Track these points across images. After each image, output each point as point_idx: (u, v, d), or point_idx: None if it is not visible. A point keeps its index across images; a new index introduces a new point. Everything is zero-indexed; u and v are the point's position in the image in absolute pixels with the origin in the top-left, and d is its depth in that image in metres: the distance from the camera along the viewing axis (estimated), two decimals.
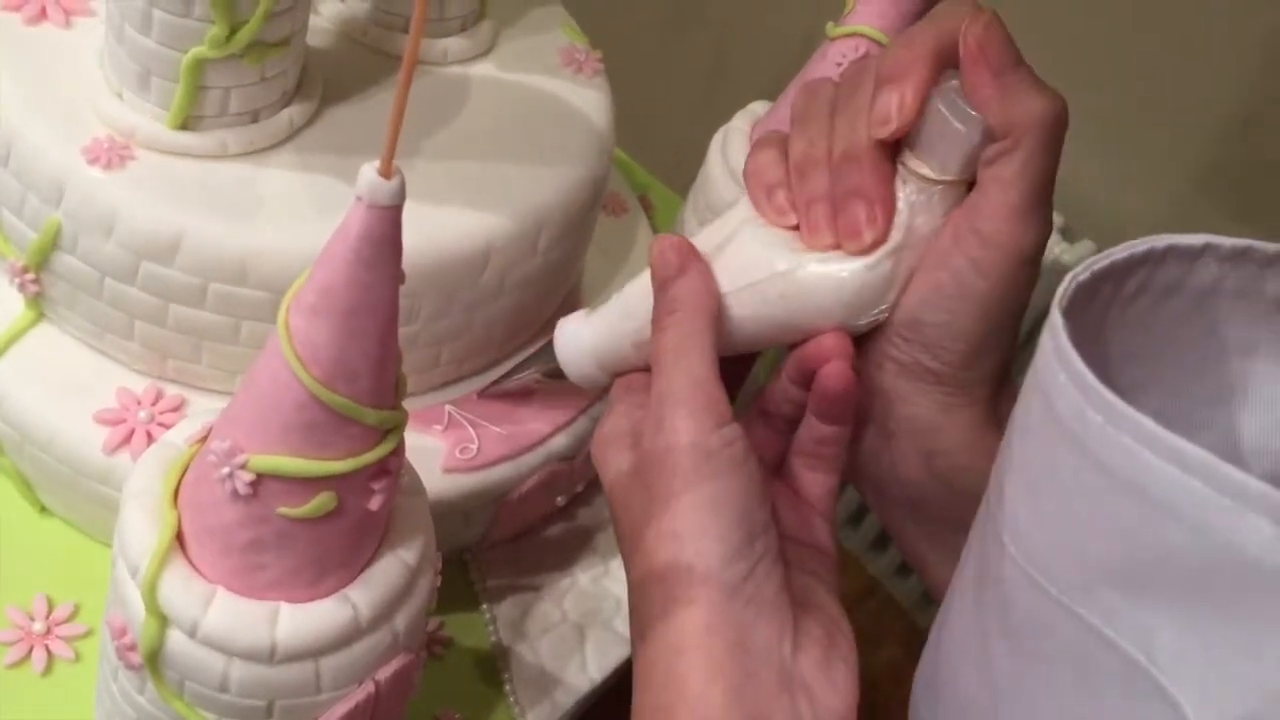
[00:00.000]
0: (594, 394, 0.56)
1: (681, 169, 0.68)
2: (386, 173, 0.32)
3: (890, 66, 0.38)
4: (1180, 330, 0.30)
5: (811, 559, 0.40)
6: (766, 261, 0.39)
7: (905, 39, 0.38)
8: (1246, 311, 0.30)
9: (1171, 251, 0.29)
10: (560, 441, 0.55)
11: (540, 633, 0.56)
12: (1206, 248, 0.29)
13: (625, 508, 0.39)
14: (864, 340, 0.40)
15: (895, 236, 0.38)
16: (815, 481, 0.41)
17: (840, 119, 0.39)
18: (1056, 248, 0.80)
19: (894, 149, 0.39)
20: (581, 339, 0.44)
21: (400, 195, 0.32)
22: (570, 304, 0.60)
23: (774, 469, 0.42)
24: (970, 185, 0.38)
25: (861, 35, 0.55)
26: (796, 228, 0.40)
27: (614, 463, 0.40)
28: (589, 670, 0.55)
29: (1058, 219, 0.61)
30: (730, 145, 0.61)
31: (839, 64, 0.56)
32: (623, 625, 0.57)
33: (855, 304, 0.39)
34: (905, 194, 0.38)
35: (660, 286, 0.40)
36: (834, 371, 0.39)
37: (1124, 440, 0.25)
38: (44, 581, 0.50)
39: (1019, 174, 0.36)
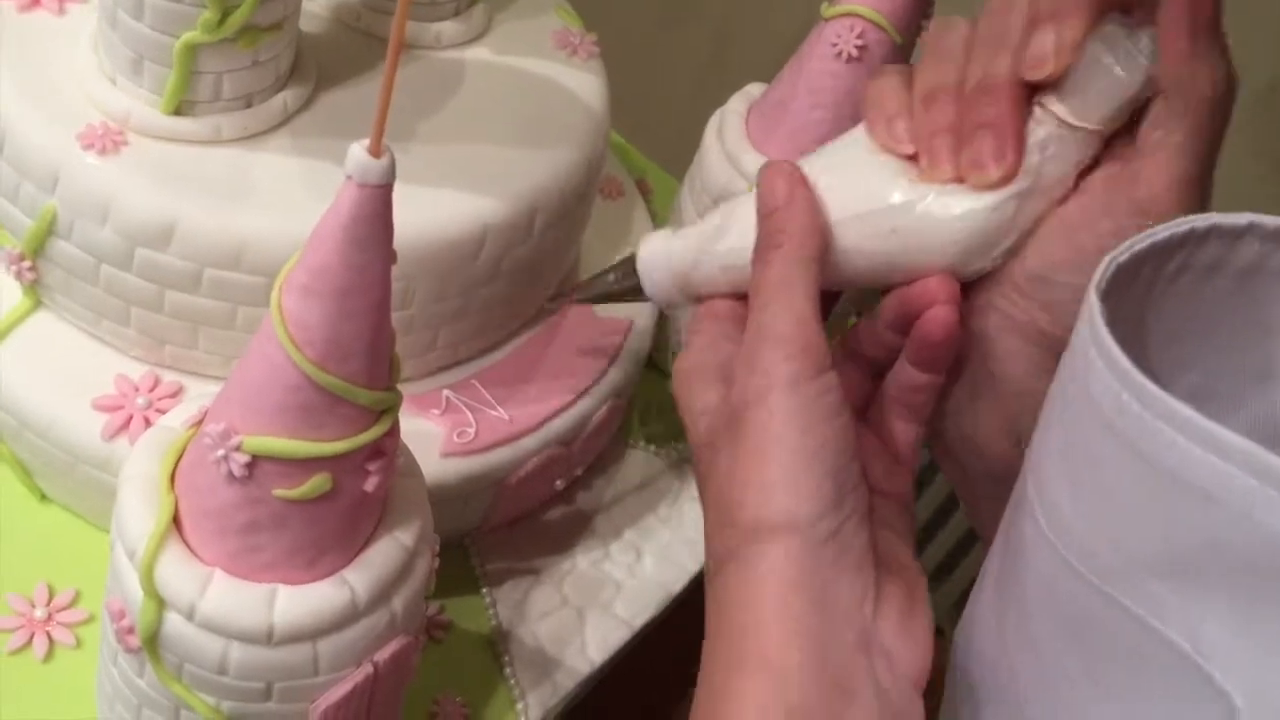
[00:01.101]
0: (591, 377, 0.57)
1: (680, 153, 0.68)
2: (376, 151, 0.32)
3: (1049, 3, 0.35)
4: (1221, 309, 0.30)
5: (892, 511, 0.38)
6: (880, 192, 0.37)
7: None
8: None
9: (1214, 231, 0.29)
10: (558, 425, 0.55)
11: (540, 616, 0.56)
12: (1250, 226, 0.29)
13: (709, 447, 0.37)
14: (972, 286, 0.38)
15: (1022, 180, 0.36)
16: (902, 430, 0.39)
17: (979, 52, 0.37)
18: None
19: (1034, 88, 0.36)
20: (669, 256, 0.41)
21: (390, 174, 0.32)
22: (567, 288, 0.60)
23: (858, 413, 0.40)
24: (1107, 139, 0.36)
25: (857, 15, 0.55)
26: (914, 158, 0.38)
27: (700, 398, 0.38)
28: (589, 653, 0.55)
29: None
30: (726, 127, 0.60)
31: (834, 44, 0.56)
32: (622, 608, 0.57)
33: (970, 245, 0.37)
34: (1037, 136, 0.36)
35: (766, 215, 0.37)
36: (939, 317, 0.36)
37: (1162, 428, 0.25)
38: (44, 568, 0.50)
39: (1187, 143, 0.34)
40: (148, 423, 0.48)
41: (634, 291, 0.43)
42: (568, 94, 0.56)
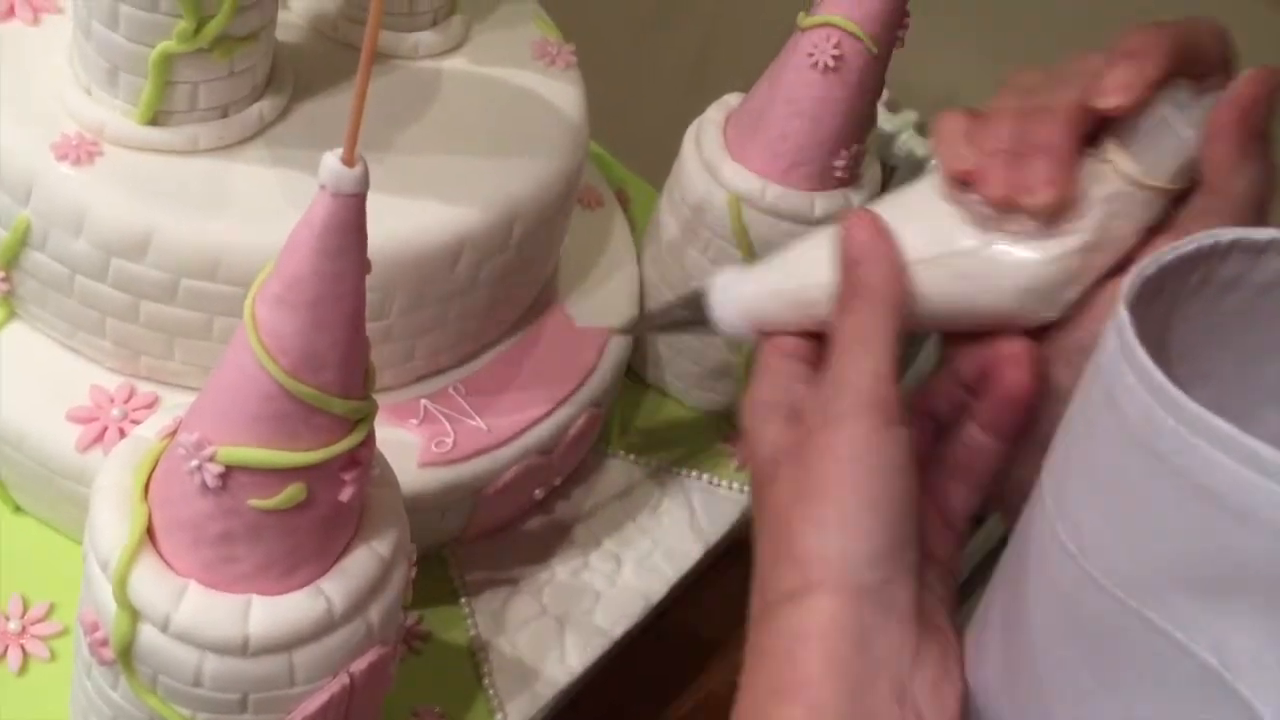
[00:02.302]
0: (568, 389, 0.56)
1: (660, 165, 0.68)
2: (350, 160, 0.32)
3: (1134, 43, 0.36)
4: (1239, 324, 0.30)
5: (935, 575, 0.38)
6: (949, 237, 0.38)
7: (1151, 27, 0.36)
8: None
9: (1236, 245, 0.29)
10: (537, 435, 0.55)
11: (519, 626, 0.56)
12: (1272, 242, 0.29)
13: (772, 482, 0.37)
14: (1055, 327, 0.38)
15: (1087, 233, 0.37)
16: (957, 494, 0.39)
17: (1050, 85, 0.37)
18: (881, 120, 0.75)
19: (1092, 127, 0.37)
20: (741, 292, 0.43)
21: (364, 183, 0.32)
22: (545, 298, 0.60)
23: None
24: (1173, 200, 0.37)
25: (833, 25, 0.55)
26: (981, 199, 0.38)
27: (768, 435, 0.39)
28: (568, 662, 0.55)
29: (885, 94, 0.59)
30: (704, 137, 0.61)
31: (810, 54, 0.56)
32: (602, 618, 0.57)
33: (1032, 292, 0.37)
34: (1104, 191, 0.37)
35: (849, 265, 0.38)
36: (1018, 378, 0.37)
37: (1196, 443, 0.25)
38: (19, 581, 0.50)
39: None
40: (123, 434, 0.48)
41: (701, 324, 0.44)
42: (546, 104, 0.56)
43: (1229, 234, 0.29)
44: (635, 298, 0.63)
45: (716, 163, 0.59)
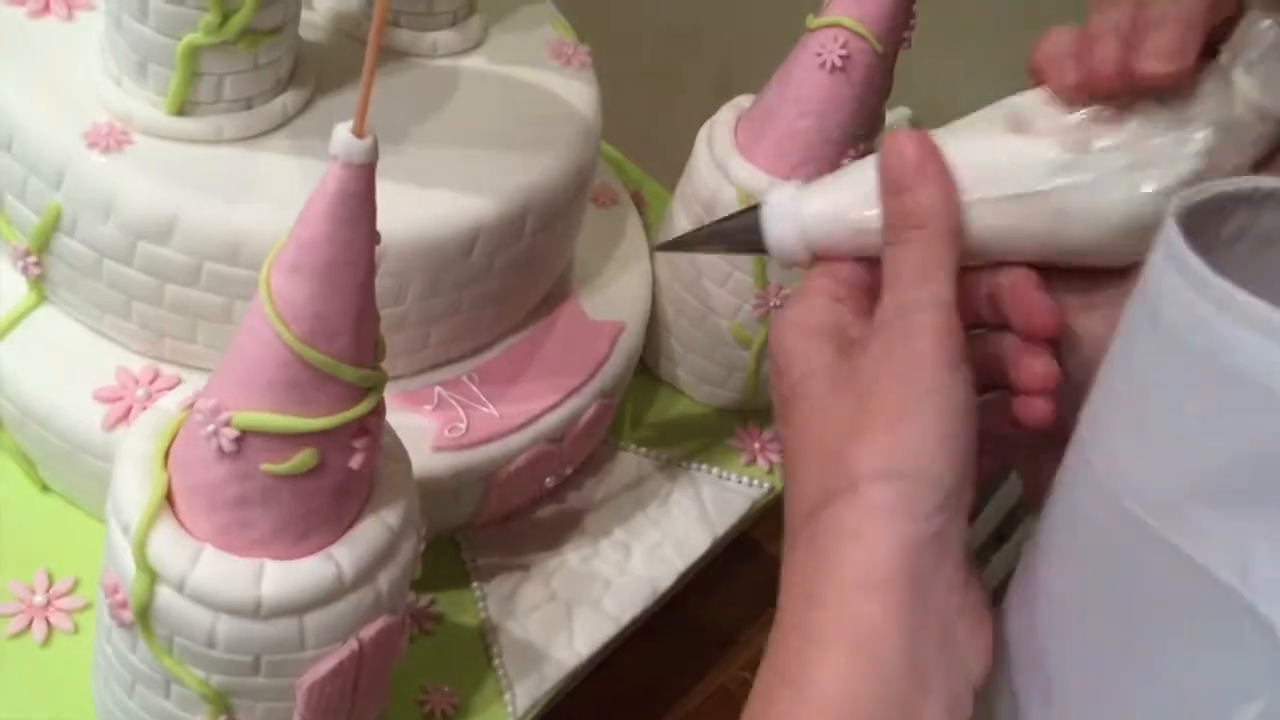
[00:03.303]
0: (580, 379, 0.58)
1: (677, 170, 0.69)
2: (360, 132, 0.33)
3: None
4: (1274, 282, 0.28)
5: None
6: (1026, 170, 0.35)
7: None
8: None
9: (1272, 198, 0.28)
10: (549, 422, 0.56)
11: (529, 610, 0.57)
12: None
13: (820, 410, 0.35)
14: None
15: (1193, 162, 0.34)
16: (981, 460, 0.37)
17: None
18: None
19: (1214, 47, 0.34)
20: (796, 209, 0.39)
21: (373, 154, 0.34)
22: (558, 291, 0.61)
23: None
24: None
25: (841, 26, 0.57)
26: (1083, 108, 0.35)
27: (809, 352, 0.36)
28: (576, 646, 0.56)
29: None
30: (715, 136, 0.62)
31: (819, 54, 0.57)
32: (611, 604, 0.58)
33: (1127, 235, 0.35)
34: (1220, 113, 0.34)
35: (894, 189, 0.36)
36: (1036, 407, 0.35)
37: (1229, 326, 0.24)
38: (45, 556, 0.52)
39: None
40: None
41: (751, 243, 0.40)
42: (560, 101, 0.58)
43: (1273, 182, 0.28)
44: (648, 294, 0.64)
45: (726, 161, 0.60)
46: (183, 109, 0.49)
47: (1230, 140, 0.34)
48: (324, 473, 0.39)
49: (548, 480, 0.59)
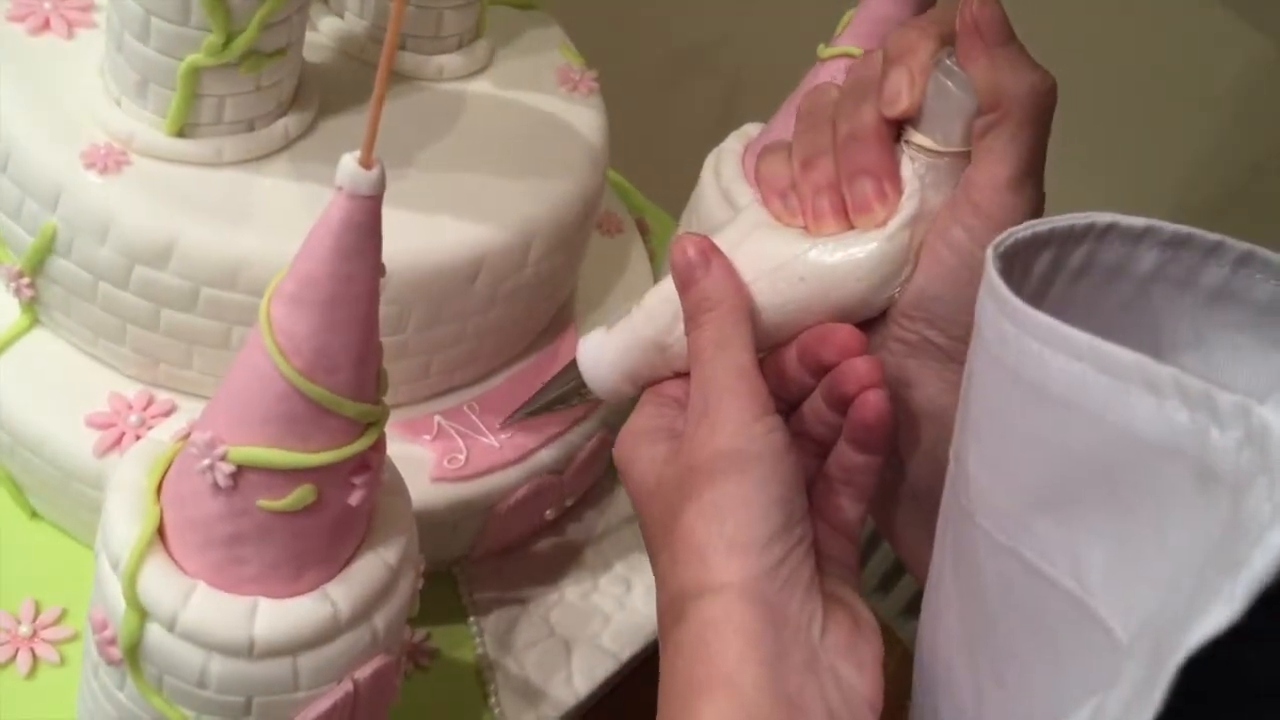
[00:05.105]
0: (581, 411, 0.57)
1: (682, 198, 0.68)
2: (367, 163, 0.32)
3: (897, 47, 0.39)
4: (1124, 316, 0.30)
5: (838, 569, 0.39)
6: (785, 249, 0.40)
7: (912, 22, 0.39)
8: (1185, 302, 0.30)
9: (1114, 229, 0.30)
10: (549, 454, 0.55)
11: (527, 646, 0.55)
12: (1148, 230, 0.30)
13: (658, 495, 0.39)
14: (870, 325, 0.40)
15: (909, 207, 0.39)
16: (846, 508, 0.41)
17: (844, 107, 0.40)
18: None
19: (898, 131, 0.39)
20: (605, 351, 0.43)
21: (380, 185, 0.33)
22: (562, 320, 0.60)
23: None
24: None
25: (852, 56, 0.56)
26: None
27: (646, 453, 0.40)
28: (575, 684, 0.55)
29: None
30: (723, 166, 0.61)
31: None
32: (610, 641, 0.57)
33: (876, 277, 0.39)
34: (915, 170, 0.39)
35: (686, 284, 0.40)
36: (870, 402, 0.38)
37: (1029, 343, 0.26)
38: (32, 585, 0.51)
39: (1008, 146, 0.37)
40: (139, 440, 0.49)
41: (580, 393, 0.44)
42: (567, 127, 0.57)
43: (1106, 217, 0.30)
44: None
45: (734, 190, 0.60)
46: (183, 130, 0.48)
47: (933, 181, 0.39)
48: (322, 509, 0.38)
49: (548, 512, 0.58)
